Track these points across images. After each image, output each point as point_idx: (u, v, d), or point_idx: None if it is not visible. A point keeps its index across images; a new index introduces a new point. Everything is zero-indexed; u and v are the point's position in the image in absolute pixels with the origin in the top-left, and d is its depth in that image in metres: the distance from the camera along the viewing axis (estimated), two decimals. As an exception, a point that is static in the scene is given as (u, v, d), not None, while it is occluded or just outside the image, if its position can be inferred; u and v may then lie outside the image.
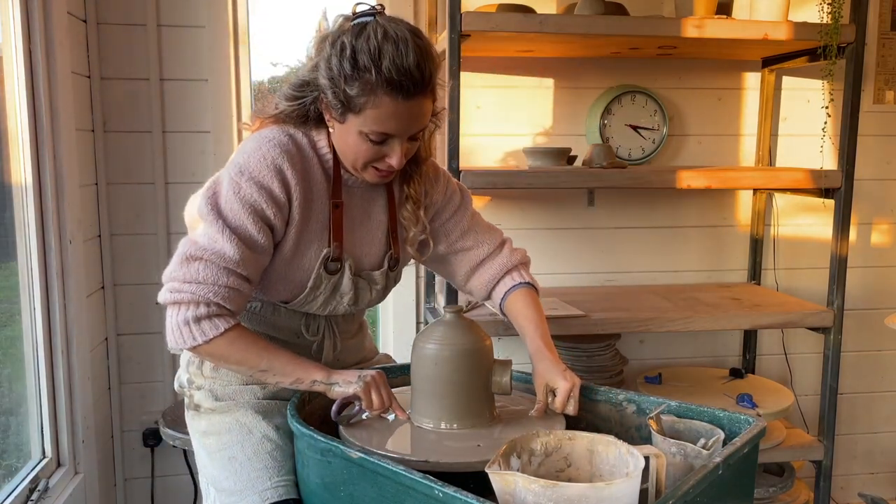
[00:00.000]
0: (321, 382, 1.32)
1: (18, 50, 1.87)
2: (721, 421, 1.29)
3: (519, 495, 0.98)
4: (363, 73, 1.23)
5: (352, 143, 1.30)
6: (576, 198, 2.56)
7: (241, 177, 1.29)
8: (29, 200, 1.93)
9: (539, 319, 1.50)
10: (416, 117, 1.29)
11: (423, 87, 1.26)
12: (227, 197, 1.29)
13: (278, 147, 1.31)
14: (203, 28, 2.32)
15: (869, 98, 2.61)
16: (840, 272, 2.22)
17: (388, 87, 1.23)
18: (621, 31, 2.07)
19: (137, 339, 2.41)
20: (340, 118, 1.29)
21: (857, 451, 2.84)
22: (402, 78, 1.22)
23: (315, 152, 1.37)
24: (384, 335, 2.59)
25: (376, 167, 1.33)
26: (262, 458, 1.36)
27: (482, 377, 1.34)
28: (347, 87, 1.24)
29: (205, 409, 1.45)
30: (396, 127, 1.27)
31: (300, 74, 1.35)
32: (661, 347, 2.69)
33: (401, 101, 1.24)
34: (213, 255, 1.26)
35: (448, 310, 1.38)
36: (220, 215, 1.28)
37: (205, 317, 1.26)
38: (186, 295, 1.25)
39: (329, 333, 1.49)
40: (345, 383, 1.32)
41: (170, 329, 1.28)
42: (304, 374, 1.32)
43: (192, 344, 1.27)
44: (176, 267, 1.27)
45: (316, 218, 1.38)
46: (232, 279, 1.27)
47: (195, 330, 1.26)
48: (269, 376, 1.33)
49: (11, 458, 1.96)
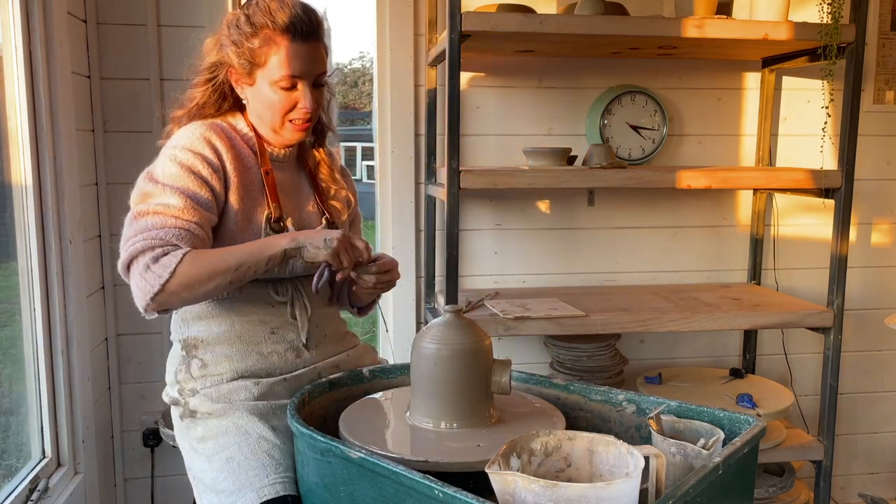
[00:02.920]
0: (291, 248, 1.33)
1: (18, 50, 1.87)
2: (721, 421, 1.29)
3: (519, 495, 0.98)
4: (261, 29, 1.40)
5: (265, 100, 1.43)
6: (576, 198, 2.56)
7: (174, 150, 1.39)
8: (29, 200, 1.93)
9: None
10: (315, 60, 1.43)
11: (315, 30, 1.42)
12: (164, 167, 1.37)
13: (203, 126, 1.43)
14: (203, 28, 2.32)
15: (869, 98, 2.61)
16: (840, 272, 2.22)
17: (284, 32, 1.40)
18: (621, 31, 2.07)
19: (137, 339, 2.41)
20: (249, 79, 1.44)
21: (857, 451, 2.84)
22: (296, 21, 1.40)
23: (237, 133, 1.48)
24: (384, 335, 2.59)
25: (291, 119, 1.45)
26: (260, 457, 1.36)
27: (482, 377, 1.34)
28: (250, 43, 1.41)
29: (202, 414, 1.45)
30: (299, 67, 1.41)
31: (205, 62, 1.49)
32: (661, 347, 2.69)
33: (299, 43, 1.41)
34: (158, 206, 1.32)
35: (448, 310, 1.38)
36: (159, 181, 1.36)
37: (161, 255, 1.28)
38: (139, 244, 1.29)
39: (297, 294, 1.51)
40: (313, 248, 1.33)
41: (135, 286, 1.30)
42: (271, 248, 1.34)
43: (158, 284, 1.27)
44: (126, 229, 1.33)
45: (252, 187, 1.46)
46: (181, 222, 1.32)
47: (156, 269, 1.27)
48: (246, 271, 1.33)
49: (11, 458, 1.96)
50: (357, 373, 1.54)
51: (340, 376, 1.50)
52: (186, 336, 1.49)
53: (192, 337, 1.48)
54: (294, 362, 1.49)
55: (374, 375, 1.56)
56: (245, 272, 1.33)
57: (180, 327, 1.50)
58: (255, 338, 1.47)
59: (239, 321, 1.47)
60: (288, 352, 1.49)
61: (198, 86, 1.50)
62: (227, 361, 1.46)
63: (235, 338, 1.46)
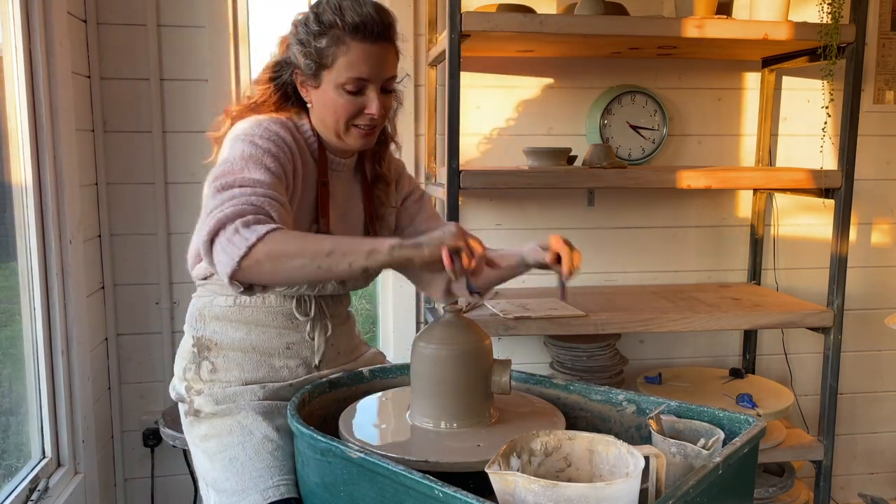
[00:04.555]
0: (404, 246, 1.17)
1: (18, 50, 1.87)
2: (721, 421, 1.29)
3: (519, 495, 0.98)
4: (330, 28, 1.32)
5: (330, 103, 1.35)
6: (576, 198, 2.56)
7: (249, 136, 1.30)
8: (29, 200, 1.93)
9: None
10: (385, 62, 1.35)
11: (386, 31, 1.34)
12: (243, 150, 1.27)
13: (271, 120, 1.36)
14: (203, 28, 2.33)
15: (869, 98, 2.61)
16: (840, 272, 2.22)
17: (354, 32, 1.31)
18: (621, 31, 2.07)
19: (137, 339, 2.41)
20: (315, 81, 1.36)
21: (857, 451, 2.84)
22: (366, 21, 1.32)
23: (300, 134, 1.41)
24: (384, 335, 2.59)
25: (357, 125, 1.38)
26: (264, 458, 1.36)
27: (482, 377, 1.34)
28: (318, 42, 1.33)
29: (205, 414, 1.45)
30: (368, 70, 1.33)
31: (271, 58, 1.44)
32: (661, 347, 2.69)
33: (369, 45, 1.32)
34: (244, 180, 1.22)
35: (448, 310, 1.38)
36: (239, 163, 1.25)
37: (253, 221, 1.16)
38: (228, 210, 1.17)
39: (320, 314, 1.49)
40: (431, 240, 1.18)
41: (220, 251, 1.16)
42: (379, 244, 1.18)
43: (246, 247, 1.13)
44: (209, 203, 1.20)
45: (305, 195, 1.41)
46: (269, 193, 1.21)
47: (246, 233, 1.14)
48: (337, 258, 1.16)
49: (11, 458, 1.96)
50: (357, 373, 1.54)
51: (340, 376, 1.50)
52: (201, 335, 1.47)
53: (207, 338, 1.47)
54: (304, 377, 1.49)
55: (374, 375, 1.56)
56: (336, 261, 1.16)
57: (196, 322, 1.48)
58: (270, 350, 1.46)
59: (256, 330, 1.46)
60: (299, 367, 1.49)
61: (259, 83, 1.43)
62: (237, 369, 1.45)
63: (250, 347, 1.45)
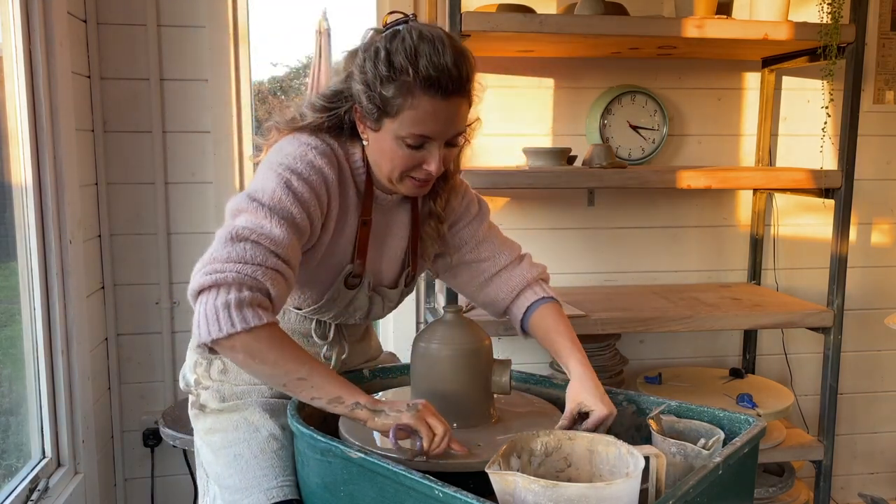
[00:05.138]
0: (365, 407, 1.18)
1: (18, 50, 1.87)
2: (721, 421, 1.29)
3: (519, 495, 0.98)
4: (400, 74, 1.19)
5: (388, 151, 1.26)
6: (576, 198, 2.56)
7: (290, 174, 1.22)
8: (29, 200, 1.93)
9: (575, 338, 1.43)
10: (454, 118, 1.24)
11: (461, 86, 1.22)
12: (275, 189, 1.21)
13: (322, 155, 1.26)
14: (203, 28, 2.32)
15: (869, 98, 2.61)
16: (840, 272, 2.22)
17: (425, 86, 1.19)
18: (621, 31, 2.07)
19: (137, 339, 2.41)
20: (375, 125, 1.25)
21: (857, 451, 2.84)
22: (441, 75, 1.19)
23: (349, 165, 1.33)
24: (384, 335, 2.59)
25: (413, 176, 1.28)
26: (269, 457, 1.35)
27: (482, 377, 1.34)
28: (384, 89, 1.21)
29: (210, 410, 1.45)
30: (434, 128, 1.23)
31: (331, 86, 1.30)
32: (661, 347, 2.69)
33: (439, 100, 1.20)
34: (261, 236, 1.16)
35: (447, 310, 1.38)
36: (266, 204, 1.19)
37: (248, 303, 1.12)
38: (231, 275, 1.12)
39: (338, 338, 1.48)
40: (393, 412, 1.18)
41: (202, 316, 1.11)
42: (347, 393, 1.18)
43: (228, 331, 1.10)
44: (218, 247, 1.15)
45: (345, 231, 1.34)
46: (279, 263, 1.17)
47: (236, 315, 1.10)
48: (305, 387, 1.17)
49: (11, 458, 1.96)
50: (357, 373, 1.54)
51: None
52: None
53: None
54: None
55: (374, 375, 1.56)
56: (304, 388, 1.17)
57: None
58: None
59: None
60: None
61: (314, 109, 1.30)
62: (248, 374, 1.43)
63: None
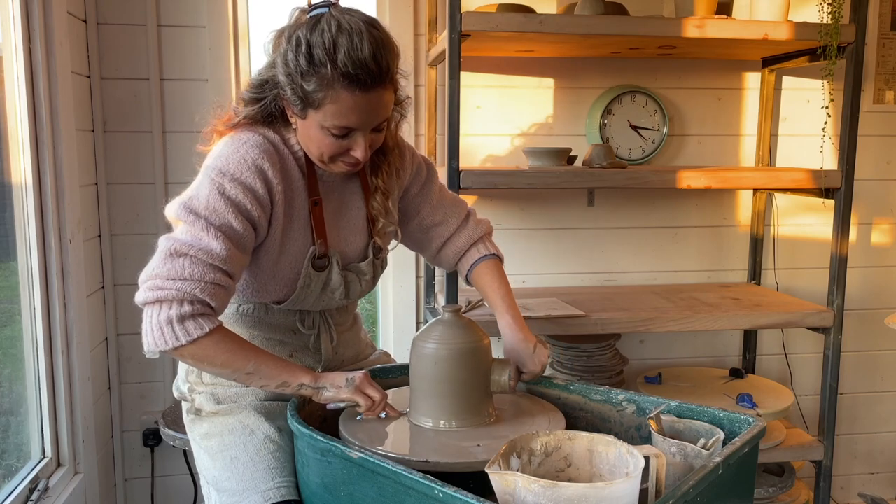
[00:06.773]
0: (308, 386, 1.30)
1: (18, 50, 1.87)
2: (721, 421, 1.29)
3: (519, 495, 0.98)
4: (319, 69, 1.22)
5: (315, 138, 1.30)
6: (576, 198, 2.56)
7: (223, 178, 1.27)
8: (29, 200, 1.93)
9: (506, 291, 1.56)
10: (376, 109, 1.28)
11: (381, 78, 1.25)
12: (209, 198, 1.26)
13: (257, 148, 1.30)
14: (203, 28, 2.33)
15: (869, 98, 2.61)
16: (840, 272, 2.22)
17: (344, 81, 1.22)
18: (621, 31, 2.07)
19: (137, 339, 2.35)
20: (301, 114, 1.29)
21: (857, 451, 2.84)
22: (359, 71, 1.22)
23: (288, 149, 1.37)
24: (384, 335, 2.59)
25: (343, 160, 1.33)
26: (265, 459, 1.36)
27: (481, 376, 1.35)
28: (305, 82, 1.24)
29: (206, 413, 1.45)
30: (357, 120, 1.27)
31: (258, 74, 1.35)
32: (661, 347, 2.69)
33: (359, 94, 1.23)
34: (199, 251, 1.22)
35: (446, 309, 1.38)
36: (202, 215, 1.25)
37: (189, 316, 1.21)
38: (171, 292, 1.20)
39: (325, 326, 1.50)
40: (333, 387, 1.31)
41: (149, 330, 1.22)
42: (291, 377, 1.30)
43: (174, 345, 1.21)
44: (159, 263, 1.22)
45: (297, 216, 1.38)
46: (218, 276, 1.23)
47: (179, 330, 1.20)
48: (255, 379, 1.29)
49: (11, 458, 1.96)
50: (357, 373, 1.54)
51: (340, 376, 1.50)
52: None
53: None
54: None
55: (374, 375, 1.55)
56: (254, 380, 1.30)
57: None
58: None
59: (259, 336, 1.45)
60: None
61: (245, 103, 1.35)
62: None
63: None
